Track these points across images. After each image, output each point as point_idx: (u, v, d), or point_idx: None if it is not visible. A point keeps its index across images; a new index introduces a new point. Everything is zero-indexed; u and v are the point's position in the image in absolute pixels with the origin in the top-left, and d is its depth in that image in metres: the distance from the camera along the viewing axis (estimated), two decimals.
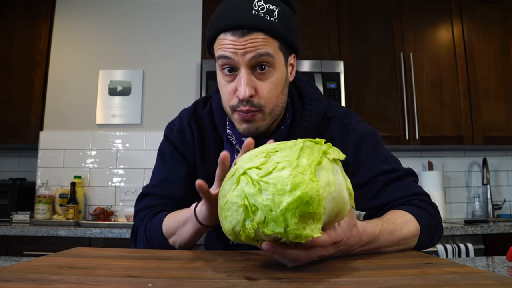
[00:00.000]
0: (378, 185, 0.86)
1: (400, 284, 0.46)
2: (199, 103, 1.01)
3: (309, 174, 0.50)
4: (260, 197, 0.49)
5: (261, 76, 0.81)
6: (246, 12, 0.78)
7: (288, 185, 0.49)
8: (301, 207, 0.48)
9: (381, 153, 0.90)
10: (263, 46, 0.78)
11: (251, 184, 0.50)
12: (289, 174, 0.49)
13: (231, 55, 0.79)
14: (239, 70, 0.80)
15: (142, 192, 0.97)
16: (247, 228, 0.50)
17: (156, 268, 0.57)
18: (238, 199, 0.51)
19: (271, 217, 0.49)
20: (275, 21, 0.80)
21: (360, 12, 2.68)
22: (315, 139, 0.57)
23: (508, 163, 2.94)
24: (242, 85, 0.79)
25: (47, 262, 0.59)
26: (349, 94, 2.55)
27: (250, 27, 0.78)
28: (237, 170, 0.54)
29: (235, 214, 0.51)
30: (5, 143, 2.58)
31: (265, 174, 0.51)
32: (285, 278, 0.50)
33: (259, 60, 0.79)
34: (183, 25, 2.77)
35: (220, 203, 0.55)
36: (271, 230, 0.49)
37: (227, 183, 0.55)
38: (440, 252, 1.99)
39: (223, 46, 0.80)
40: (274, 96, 0.83)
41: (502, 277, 0.48)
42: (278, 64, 0.82)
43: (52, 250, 0.81)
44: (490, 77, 2.66)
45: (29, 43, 2.64)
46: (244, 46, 0.78)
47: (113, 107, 2.68)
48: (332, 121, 0.93)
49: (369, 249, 0.69)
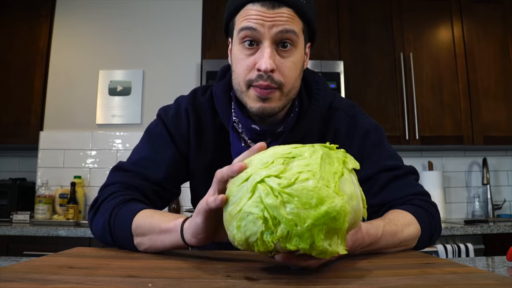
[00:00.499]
0: (381, 182, 0.86)
1: (400, 284, 0.46)
2: (198, 90, 0.96)
3: (334, 187, 0.48)
4: (283, 210, 0.46)
5: (283, 53, 0.79)
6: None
7: (314, 199, 0.46)
8: (328, 222, 0.46)
9: (385, 149, 0.91)
10: (291, 23, 0.77)
11: (272, 195, 0.47)
12: (314, 187, 0.47)
13: (257, 26, 0.76)
14: (262, 43, 0.77)
15: (118, 165, 0.89)
16: (266, 241, 0.47)
17: (156, 268, 0.57)
18: (255, 209, 0.47)
19: (295, 232, 0.46)
20: (303, 1, 0.79)
21: (360, 12, 2.68)
22: (326, 144, 0.55)
23: (508, 163, 2.94)
24: (265, 58, 0.76)
25: (47, 262, 0.59)
26: (349, 94, 2.55)
27: (281, 1, 0.76)
28: (252, 176, 0.50)
29: (251, 225, 0.48)
30: (5, 143, 2.58)
31: (287, 185, 0.47)
32: (285, 278, 0.50)
33: (284, 37, 0.77)
34: (183, 25, 2.77)
35: (230, 211, 0.51)
36: (295, 246, 0.46)
37: (236, 188, 0.51)
38: (440, 252, 1.99)
39: (249, 16, 0.77)
40: (294, 76, 0.81)
41: (502, 277, 0.48)
42: (300, 45, 0.81)
43: (52, 250, 0.80)
44: (490, 77, 2.65)
45: (29, 43, 2.64)
46: (272, 18, 0.76)
47: (113, 107, 2.68)
48: (337, 112, 0.92)
49: (370, 250, 0.69)
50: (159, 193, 0.88)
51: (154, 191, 0.87)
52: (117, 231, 0.75)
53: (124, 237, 0.74)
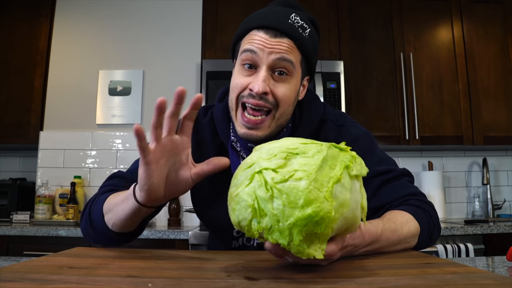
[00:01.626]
0: (374, 187, 0.86)
1: (400, 284, 0.46)
2: (200, 113, 0.98)
3: (325, 192, 0.48)
4: (271, 204, 0.48)
5: (278, 79, 0.83)
6: (283, 18, 0.83)
7: (301, 199, 0.47)
8: (309, 225, 0.46)
9: (376, 155, 0.91)
10: (289, 53, 0.82)
11: (264, 188, 0.49)
12: (305, 188, 0.47)
13: (257, 50, 0.81)
14: (259, 68, 0.82)
15: (113, 173, 0.93)
16: (252, 228, 0.50)
17: (156, 268, 0.57)
18: (248, 197, 0.50)
19: (277, 228, 0.47)
20: (305, 36, 0.84)
21: (360, 12, 2.68)
22: (340, 145, 0.55)
23: (508, 163, 2.94)
24: (259, 80, 0.80)
25: (47, 262, 0.59)
26: (349, 94, 2.55)
27: (283, 31, 0.82)
28: (254, 165, 0.52)
29: (243, 210, 0.50)
30: (5, 143, 2.58)
31: (280, 180, 0.48)
32: (285, 278, 0.50)
33: (280, 65, 0.82)
34: (183, 25, 2.77)
35: (231, 192, 0.54)
36: (275, 240, 0.48)
37: (241, 173, 0.54)
38: (440, 252, 1.99)
39: (253, 40, 0.82)
40: (287, 101, 0.84)
41: (502, 277, 0.48)
42: (296, 76, 0.85)
43: (52, 250, 0.81)
44: (490, 77, 2.65)
45: (29, 43, 2.64)
46: (272, 46, 0.81)
47: (113, 107, 2.68)
48: (326, 123, 0.94)
49: (372, 249, 0.69)
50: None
51: None
52: (94, 214, 0.80)
53: (98, 219, 0.78)
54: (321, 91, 2.42)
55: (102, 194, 0.83)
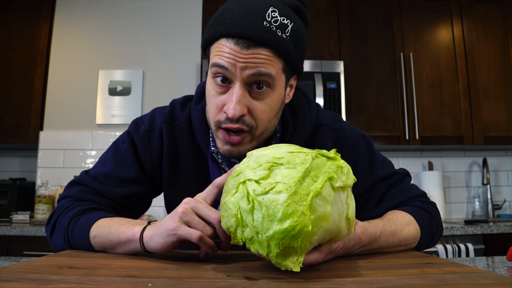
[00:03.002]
0: (379, 194, 0.85)
1: (400, 284, 0.46)
2: (176, 105, 0.89)
3: (304, 205, 0.47)
4: (251, 216, 0.49)
5: (256, 95, 0.72)
6: (257, 21, 0.68)
7: (279, 213, 0.47)
8: (286, 239, 0.47)
9: (376, 159, 0.89)
10: (267, 65, 0.69)
11: (246, 199, 0.50)
12: (283, 201, 0.47)
13: (228, 65, 0.69)
14: (233, 83, 0.71)
15: (77, 179, 0.84)
16: (237, 235, 0.51)
17: (156, 268, 0.57)
18: (233, 207, 0.51)
19: (256, 239, 0.49)
20: (286, 38, 0.71)
21: (360, 12, 2.68)
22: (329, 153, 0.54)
23: (508, 163, 2.94)
24: (234, 102, 0.70)
25: (47, 262, 0.59)
26: (349, 94, 2.55)
27: (257, 40, 0.68)
28: (241, 173, 0.53)
29: (230, 218, 0.52)
30: (5, 143, 2.58)
31: (261, 192, 0.49)
32: (285, 278, 0.50)
33: (257, 79, 0.70)
34: (183, 25, 2.77)
35: (222, 197, 0.56)
36: (255, 250, 0.50)
37: (231, 180, 0.55)
38: (440, 252, 1.99)
39: (222, 53, 0.70)
40: (267, 119, 0.75)
41: (502, 277, 0.48)
42: (278, 86, 0.74)
43: (52, 250, 0.80)
44: (490, 77, 2.65)
45: (29, 43, 2.64)
46: (245, 60, 0.68)
47: (113, 107, 2.68)
48: (321, 129, 0.88)
49: (370, 249, 0.69)
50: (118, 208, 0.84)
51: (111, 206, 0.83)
52: (76, 245, 0.73)
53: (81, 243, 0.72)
54: (321, 91, 2.41)
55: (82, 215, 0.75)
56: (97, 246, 0.71)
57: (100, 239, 0.70)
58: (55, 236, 0.78)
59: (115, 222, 0.71)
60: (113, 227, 0.69)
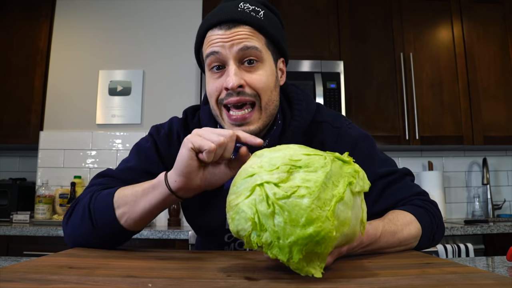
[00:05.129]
0: (378, 189, 0.85)
1: (400, 284, 0.46)
2: (189, 114, 0.97)
3: (328, 211, 0.46)
4: (272, 220, 0.47)
5: (249, 69, 0.80)
6: (232, 9, 0.80)
7: (303, 218, 0.46)
8: (309, 245, 0.46)
9: (377, 157, 0.89)
10: (250, 39, 0.79)
11: (266, 203, 0.47)
12: (307, 206, 0.46)
13: (218, 49, 0.78)
14: (227, 65, 0.79)
15: (101, 172, 0.88)
16: (252, 240, 0.49)
17: (156, 268, 0.57)
18: (249, 210, 0.49)
19: (277, 244, 0.47)
20: (260, 17, 0.81)
21: (360, 12, 2.68)
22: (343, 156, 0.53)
23: (508, 163, 2.94)
24: (230, 75, 0.77)
25: (47, 262, 0.59)
26: (349, 94, 2.55)
27: (235, 20, 0.79)
28: (255, 175, 0.51)
29: (243, 221, 0.49)
30: (5, 143, 2.58)
31: (282, 196, 0.47)
32: (285, 278, 0.50)
33: (246, 54, 0.79)
34: (183, 25, 2.77)
35: (230, 199, 0.52)
36: (274, 255, 0.47)
37: (241, 181, 0.52)
38: (440, 252, 1.99)
39: (211, 42, 0.80)
40: (266, 88, 0.81)
41: (502, 277, 0.48)
42: (267, 60, 0.82)
43: (52, 250, 0.80)
44: (490, 77, 2.65)
45: (29, 43, 2.64)
46: (231, 38, 0.78)
47: (113, 107, 2.68)
48: (322, 125, 0.91)
49: (370, 250, 0.69)
50: None
51: None
52: (97, 209, 0.74)
53: (105, 213, 0.73)
54: (321, 91, 2.41)
55: (100, 191, 0.77)
56: (121, 205, 0.72)
57: (124, 198, 0.72)
58: (72, 218, 0.77)
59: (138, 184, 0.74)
60: (136, 186, 0.73)
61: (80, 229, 0.75)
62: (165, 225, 2.51)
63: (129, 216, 0.72)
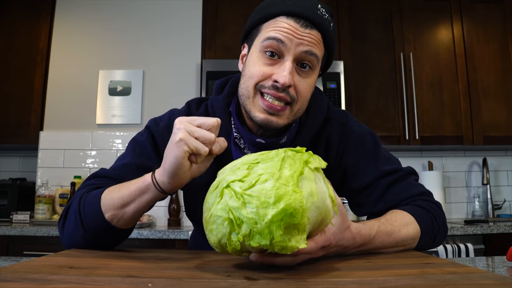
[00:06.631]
0: (381, 188, 0.85)
1: (400, 284, 0.46)
2: (192, 104, 0.94)
3: (292, 185, 0.50)
4: (245, 210, 0.50)
5: (301, 72, 0.79)
6: (313, 8, 0.77)
7: (272, 198, 0.49)
8: (285, 219, 0.48)
9: (381, 154, 0.89)
10: (316, 47, 0.78)
11: (235, 198, 0.51)
12: (272, 186, 0.50)
13: (285, 39, 0.76)
14: (283, 58, 0.77)
15: (94, 173, 0.86)
16: (233, 241, 0.50)
17: (156, 268, 0.57)
18: (222, 212, 0.51)
19: (256, 230, 0.49)
20: (332, 29, 0.82)
21: (360, 12, 2.68)
22: (296, 148, 0.57)
23: (508, 163, 2.94)
24: (286, 72, 0.75)
25: (47, 262, 0.59)
26: (349, 94, 2.55)
27: (315, 23, 0.77)
28: (220, 183, 0.54)
29: (221, 227, 0.52)
30: (5, 143, 2.58)
31: (248, 187, 0.51)
32: (285, 278, 0.50)
33: (307, 58, 0.77)
34: (183, 25, 2.77)
35: (205, 216, 0.55)
36: (257, 243, 0.49)
37: (210, 196, 0.55)
38: (440, 252, 1.99)
39: (280, 28, 0.76)
40: (306, 96, 0.81)
41: (502, 277, 0.48)
42: (316, 70, 0.82)
43: (52, 250, 0.80)
44: (490, 77, 2.65)
45: (29, 43, 2.64)
46: (302, 36, 0.76)
47: (113, 107, 2.68)
48: (330, 121, 0.91)
49: (364, 249, 0.69)
50: None
51: None
52: (87, 215, 0.73)
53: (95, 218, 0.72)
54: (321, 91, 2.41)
55: (89, 192, 0.76)
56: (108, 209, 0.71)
57: (111, 202, 0.71)
58: (67, 224, 0.77)
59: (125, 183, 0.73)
60: (123, 187, 0.72)
61: (75, 236, 0.75)
62: (165, 225, 2.51)
63: (120, 219, 0.72)
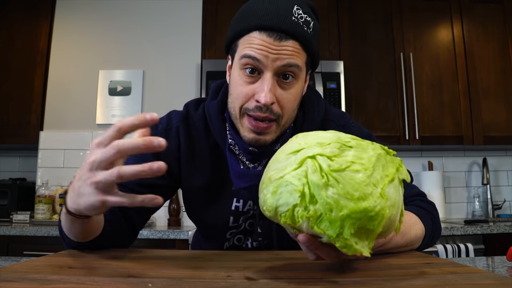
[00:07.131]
0: None
1: (400, 284, 0.46)
2: (191, 106, 0.93)
3: (381, 188, 0.46)
4: (325, 191, 0.45)
5: (284, 85, 0.77)
6: (287, 16, 0.74)
7: (358, 192, 0.45)
8: (363, 219, 0.45)
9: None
10: (295, 57, 0.75)
11: (319, 174, 0.46)
12: (362, 181, 0.45)
13: (261, 57, 0.73)
14: (263, 73, 0.75)
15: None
16: (295, 215, 0.46)
17: (156, 268, 0.57)
18: (297, 182, 0.46)
19: (327, 217, 0.45)
20: (310, 33, 0.77)
21: (360, 12, 2.68)
22: (385, 147, 0.53)
23: (508, 163, 2.94)
24: (266, 90, 0.73)
25: (47, 262, 0.59)
26: (349, 94, 2.55)
27: (289, 33, 0.73)
28: (303, 150, 0.49)
29: (287, 195, 0.47)
30: (5, 143, 2.58)
31: (337, 169, 0.46)
32: (285, 278, 0.50)
33: (286, 70, 0.75)
34: (183, 25, 2.76)
35: (271, 174, 0.50)
36: (322, 230, 0.45)
37: (284, 156, 0.50)
38: (440, 252, 1.99)
39: (254, 45, 0.74)
40: (292, 108, 0.79)
41: (502, 277, 0.48)
42: (301, 77, 0.79)
43: (52, 250, 0.80)
44: (490, 77, 2.65)
45: (29, 43, 2.64)
46: (278, 51, 0.73)
47: (113, 107, 2.68)
48: (328, 123, 0.91)
49: (381, 250, 0.69)
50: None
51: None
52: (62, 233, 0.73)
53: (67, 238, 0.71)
54: (321, 91, 2.41)
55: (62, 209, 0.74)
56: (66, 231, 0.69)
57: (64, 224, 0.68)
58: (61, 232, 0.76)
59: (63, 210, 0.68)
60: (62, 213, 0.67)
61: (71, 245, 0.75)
62: (165, 225, 2.51)
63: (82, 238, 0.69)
